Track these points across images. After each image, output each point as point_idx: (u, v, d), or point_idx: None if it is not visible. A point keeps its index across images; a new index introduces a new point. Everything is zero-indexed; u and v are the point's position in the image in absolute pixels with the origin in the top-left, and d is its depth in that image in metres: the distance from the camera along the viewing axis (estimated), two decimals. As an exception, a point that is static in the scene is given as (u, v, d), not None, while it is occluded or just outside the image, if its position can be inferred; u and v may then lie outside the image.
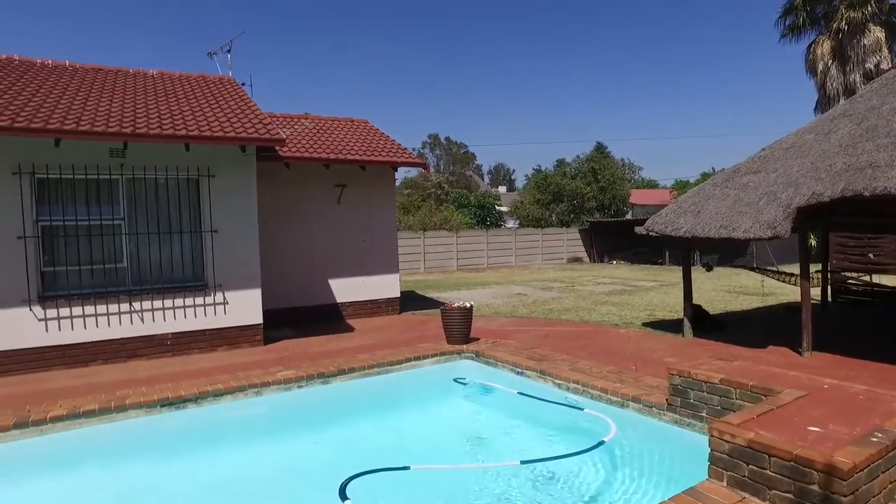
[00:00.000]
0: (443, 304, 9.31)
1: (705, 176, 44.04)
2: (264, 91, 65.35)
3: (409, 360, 7.70)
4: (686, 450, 4.85)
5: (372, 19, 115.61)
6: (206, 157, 8.68)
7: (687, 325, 9.04)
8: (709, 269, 13.86)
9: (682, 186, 47.91)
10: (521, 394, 6.54)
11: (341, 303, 11.72)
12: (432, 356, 7.93)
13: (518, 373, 7.12)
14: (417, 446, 5.69)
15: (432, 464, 5.00)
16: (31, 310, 7.73)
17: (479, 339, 8.73)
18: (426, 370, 7.75)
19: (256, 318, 9.02)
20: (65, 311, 7.94)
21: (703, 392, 4.90)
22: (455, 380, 7.37)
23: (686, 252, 9.91)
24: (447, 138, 75.98)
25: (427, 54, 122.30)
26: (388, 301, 12.21)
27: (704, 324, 9.37)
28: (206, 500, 4.63)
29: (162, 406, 6.04)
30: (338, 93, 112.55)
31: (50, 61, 10.46)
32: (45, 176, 7.85)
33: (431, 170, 35.41)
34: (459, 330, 8.40)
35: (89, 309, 8.08)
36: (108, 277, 8.33)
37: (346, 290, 11.78)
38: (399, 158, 11.99)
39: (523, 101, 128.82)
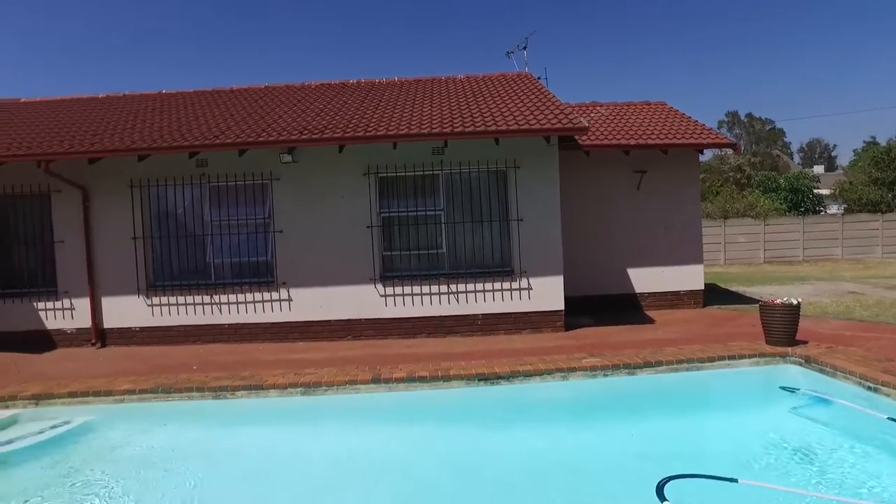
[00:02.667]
0: (750, 298, 8.28)
1: None
2: (556, 82, 66.68)
3: (721, 358, 7.01)
4: None
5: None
6: (513, 149, 9.22)
7: None
8: None
9: None
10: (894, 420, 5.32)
11: (639, 293, 11.35)
12: (749, 357, 7.07)
13: (869, 388, 5.86)
14: (734, 456, 5.08)
15: (760, 480, 4.42)
16: (375, 287, 9.30)
17: (806, 342, 7.49)
18: (742, 372, 6.94)
19: (558, 304, 9.28)
20: (398, 290, 9.33)
21: None
22: (782, 387, 6.44)
23: None
24: (749, 115, 67.42)
25: (721, 25, 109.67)
26: (691, 293, 11.38)
27: None
28: (518, 473, 4.86)
29: (479, 380, 6.60)
30: (623, 77, 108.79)
31: (384, 80, 12.36)
32: (385, 175, 9.32)
33: (731, 151, 31.87)
34: (783, 330, 7.33)
35: (416, 288, 9.33)
36: (430, 262, 9.51)
37: (644, 279, 11.36)
38: (704, 140, 11.01)
39: (850, 60, 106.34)
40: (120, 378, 6.98)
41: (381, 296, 9.33)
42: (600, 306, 10.90)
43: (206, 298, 9.43)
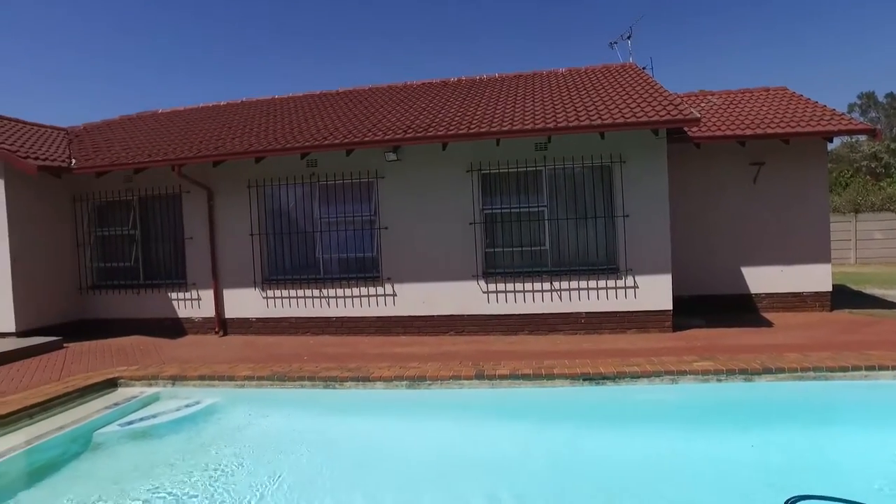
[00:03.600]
0: (891, 303, 7.39)
1: None
2: (663, 72, 63.22)
3: (857, 368, 6.34)
4: None
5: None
6: (618, 143, 8.92)
7: None
8: None
9: None
10: None
11: (754, 294, 10.58)
12: (892, 369, 6.32)
13: None
14: (876, 481, 4.56)
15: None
16: (477, 283, 9.37)
17: (971, 355, 6.62)
18: (883, 385, 6.19)
19: (666, 303, 8.88)
20: (500, 286, 9.33)
21: None
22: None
23: None
24: (889, 95, 60.25)
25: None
26: (816, 295, 10.44)
27: None
28: (623, 479, 4.70)
29: (584, 380, 6.44)
30: (736, 63, 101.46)
31: (485, 76, 12.39)
32: (488, 171, 9.35)
33: (867, 137, 28.90)
34: (934, 339, 6.54)
35: (518, 285, 9.29)
36: (533, 258, 9.43)
37: (760, 279, 10.57)
38: (835, 127, 10.01)
39: None
40: (240, 365, 7.52)
41: (484, 292, 9.37)
42: (711, 307, 10.29)
43: (315, 292, 9.94)
